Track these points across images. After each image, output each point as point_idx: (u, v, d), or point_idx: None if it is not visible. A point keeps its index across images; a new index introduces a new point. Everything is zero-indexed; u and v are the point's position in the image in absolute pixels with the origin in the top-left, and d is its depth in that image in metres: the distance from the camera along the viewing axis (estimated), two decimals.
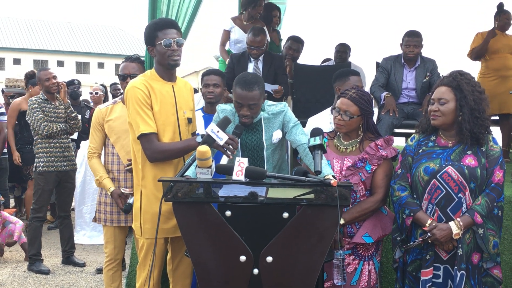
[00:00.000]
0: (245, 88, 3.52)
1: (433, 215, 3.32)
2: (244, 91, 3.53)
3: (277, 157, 3.85)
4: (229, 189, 3.04)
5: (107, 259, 4.44)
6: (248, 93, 3.52)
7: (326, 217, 2.91)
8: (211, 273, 3.00)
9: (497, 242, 3.29)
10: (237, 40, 6.91)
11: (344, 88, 4.32)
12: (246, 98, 3.53)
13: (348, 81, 4.35)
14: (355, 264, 3.59)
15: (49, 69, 6.24)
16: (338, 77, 4.45)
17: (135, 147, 3.60)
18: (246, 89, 3.52)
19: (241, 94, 3.54)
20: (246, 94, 3.52)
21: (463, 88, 3.29)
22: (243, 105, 3.55)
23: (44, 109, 6.04)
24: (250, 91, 3.52)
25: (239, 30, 6.90)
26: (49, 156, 6.04)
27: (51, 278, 5.91)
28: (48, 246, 7.17)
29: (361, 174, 3.54)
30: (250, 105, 3.54)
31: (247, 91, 3.52)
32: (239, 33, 6.89)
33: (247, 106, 3.55)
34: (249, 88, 3.52)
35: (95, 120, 4.42)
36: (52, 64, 43.98)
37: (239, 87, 3.55)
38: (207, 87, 4.58)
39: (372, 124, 3.67)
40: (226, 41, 7.06)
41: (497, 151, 3.35)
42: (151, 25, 3.58)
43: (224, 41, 7.07)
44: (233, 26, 6.94)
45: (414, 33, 6.00)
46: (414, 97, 5.97)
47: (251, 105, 3.54)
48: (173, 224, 3.45)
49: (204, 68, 40.14)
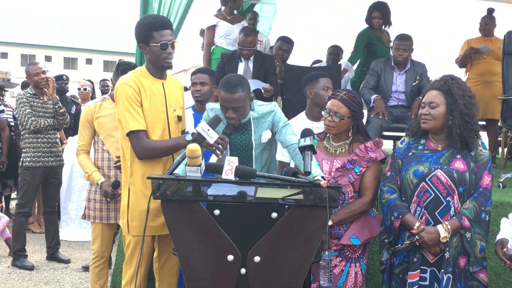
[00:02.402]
0: (229, 91, 3.51)
1: (421, 218, 3.33)
2: (227, 93, 3.51)
3: (266, 157, 3.85)
4: (218, 188, 3.03)
5: (93, 256, 4.42)
6: (232, 95, 3.51)
7: (314, 218, 2.91)
8: (198, 271, 2.99)
9: (484, 246, 3.31)
10: (227, 32, 6.87)
11: (315, 90, 4.37)
12: (230, 100, 3.52)
13: (318, 83, 4.40)
14: (342, 265, 3.60)
15: (38, 63, 6.18)
16: (308, 81, 4.49)
17: (124, 144, 3.58)
18: (230, 92, 3.51)
19: (224, 97, 3.53)
20: (229, 97, 3.51)
21: (453, 92, 3.30)
22: (228, 108, 3.55)
23: (32, 104, 5.99)
24: (233, 93, 3.50)
25: (225, 23, 6.88)
26: (36, 151, 5.99)
27: (35, 274, 5.86)
28: (33, 241, 7.11)
29: (350, 175, 3.55)
30: (235, 107, 3.53)
31: (230, 94, 3.51)
32: (226, 26, 6.87)
33: (232, 108, 3.54)
34: (232, 91, 3.50)
35: (84, 117, 4.39)
36: (39, 58, 43.62)
37: (223, 90, 3.54)
38: (194, 85, 4.59)
39: (362, 126, 3.68)
40: (212, 40, 6.99)
41: (486, 156, 3.37)
42: (146, 23, 3.52)
43: (209, 41, 6.99)
44: (218, 21, 6.92)
45: (404, 36, 6.01)
46: (403, 100, 5.98)
47: (236, 107, 3.53)
48: (161, 222, 3.44)
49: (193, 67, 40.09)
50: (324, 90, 4.38)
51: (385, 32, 7.18)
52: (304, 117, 4.47)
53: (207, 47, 7.00)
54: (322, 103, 4.40)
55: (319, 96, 4.39)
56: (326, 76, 4.47)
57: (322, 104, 4.41)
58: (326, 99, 4.34)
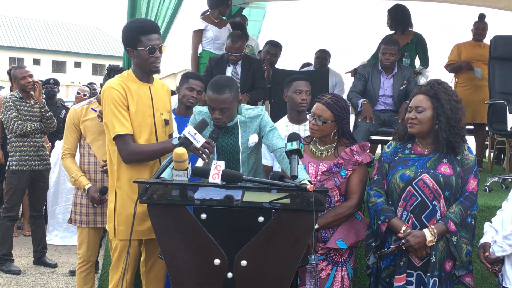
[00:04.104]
0: (216, 92, 3.50)
1: (407, 221, 3.34)
2: (215, 94, 3.50)
3: (252, 161, 3.84)
4: (205, 192, 3.02)
5: (80, 260, 4.39)
6: (219, 96, 3.50)
7: (301, 222, 2.91)
8: (185, 276, 2.98)
9: (470, 250, 3.32)
10: (216, 37, 6.80)
11: (289, 94, 4.45)
12: (217, 101, 3.51)
13: (291, 86, 4.51)
14: (328, 269, 3.60)
15: (25, 67, 6.16)
16: (285, 85, 4.59)
17: (110, 148, 3.57)
18: (217, 93, 3.50)
19: (212, 97, 3.52)
20: (216, 97, 3.50)
21: (440, 97, 3.32)
22: (215, 108, 3.54)
23: (19, 107, 5.97)
24: (221, 94, 3.49)
25: (213, 27, 6.83)
26: (22, 155, 5.97)
27: (21, 278, 5.83)
28: (19, 246, 7.06)
29: (336, 179, 3.55)
30: (222, 108, 3.52)
31: (217, 94, 3.50)
32: (214, 30, 6.83)
33: (219, 109, 3.53)
34: (220, 92, 3.50)
35: (69, 120, 4.37)
36: (28, 62, 43.35)
37: (211, 90, 3.53)
38: (191, 91, 4.45)
39: (347, 130, 3.68)
40: (199, 43, 6.91)
41: (472, 160, 3.39)
42: (134, 27, 3.50)
43: (197, 45, 6.90)
44: (207, 25, 6.87)
45: (390, 41, 6.05)
46: (390, 105, 6.00)
47: (223, 108, 3.52)
48: (148, 226, 3.42)
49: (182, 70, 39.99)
50: (296, 93, 4.43)
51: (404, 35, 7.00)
52: (286, 120, 4.51)
53: (194, 51, 6.90)
54: (294, 105, 4.45)
55: (291, 99, 4.47)
56: (302, 79, 4.50)
57: (295, 107, 4.45)
58: (298, 101, 4.38)
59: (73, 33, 49.90)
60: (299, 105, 4.43)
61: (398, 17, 6.93)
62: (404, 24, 6.92)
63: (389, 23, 7.02)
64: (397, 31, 6.93)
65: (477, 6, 8.34)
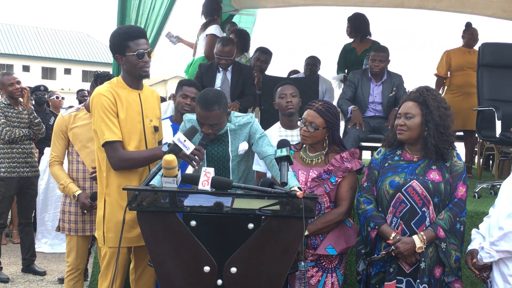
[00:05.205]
0: (205, 108, 3.49)
1: (397, 228, 3.35)
2: (203, 111, 3.50)
3: (242, 168, 3.84)
4: (194, 199, 3.02)
5: (68, 268, 4.37)
6: (208, 113, 3.49)
7: (291, 229, 2.91)
8: (174, 283, 2.97)
9: (459, 256, 3.33)
10: None
11: (276, 100, 4.47)
12: (206, 118, 3.51)
13: (277, 92, 4.52)
14: (318, 276, 3.60)
15: (13, 74, 6.15)
16: (274, 91, 4.60)
17: (99, 154, 3.55)
18: (206, 109, 3.49)
19: (201, 113, 3.52)
20: (206, 114, 3.50)
21: (429, 103, 3.33)
22: (204, 124, 3.54)
23: (7, 114, 5.94)
24: (210, 111, 3.49)
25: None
26: (11, 162, 5.93)
27: (10, 286, 5.79)
28: (8, 253, 7.02)
29: (326, 185, 3.56)
30: (211, 124, 3.53)
31: (206, 111, 3.49)
32: None
33: (208, 125, 3.53)
34: (209, 108, 3.48)
35: (57, 127, 4.35)
36: (17, 69, 43.24)
37: (199, 107, 3.52)
38: (185, 98, 4.41)
39: (337, 137, 3.69)
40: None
41: (460, 167, 3.40)
42: (121, 33, 3.51)
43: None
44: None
45: (380, 48, 6.08)
46: (380, 111, 6.02)
47: (212, 124, 3.53)
48: (137, 233, 3.41)
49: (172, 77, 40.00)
50: (281, 98, 4.45)
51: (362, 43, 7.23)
52: (279, 126, 4.52)
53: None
54: (282, 110, 4.48)
55: (279, 105, 4.51)
56: (288, 84, 4.52)
57: (283, 111, 4.47)
58: (284, 105, 4.39)
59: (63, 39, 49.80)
60: (286, 108, 4.43)
61: (357, 25, 7.29)
62: (363, 32, 7.28)
63: (348, 30, 7.37)
64: (356, 38, 7.32)
65: (466, 14, 8.41)
